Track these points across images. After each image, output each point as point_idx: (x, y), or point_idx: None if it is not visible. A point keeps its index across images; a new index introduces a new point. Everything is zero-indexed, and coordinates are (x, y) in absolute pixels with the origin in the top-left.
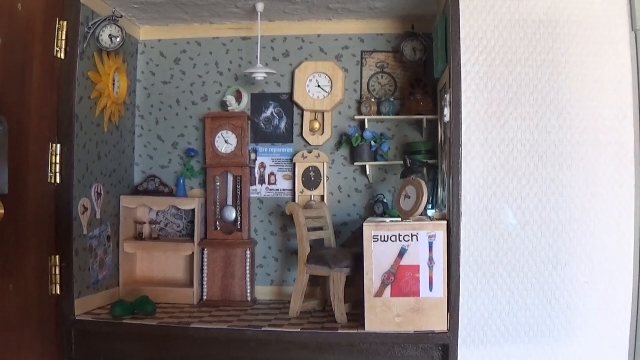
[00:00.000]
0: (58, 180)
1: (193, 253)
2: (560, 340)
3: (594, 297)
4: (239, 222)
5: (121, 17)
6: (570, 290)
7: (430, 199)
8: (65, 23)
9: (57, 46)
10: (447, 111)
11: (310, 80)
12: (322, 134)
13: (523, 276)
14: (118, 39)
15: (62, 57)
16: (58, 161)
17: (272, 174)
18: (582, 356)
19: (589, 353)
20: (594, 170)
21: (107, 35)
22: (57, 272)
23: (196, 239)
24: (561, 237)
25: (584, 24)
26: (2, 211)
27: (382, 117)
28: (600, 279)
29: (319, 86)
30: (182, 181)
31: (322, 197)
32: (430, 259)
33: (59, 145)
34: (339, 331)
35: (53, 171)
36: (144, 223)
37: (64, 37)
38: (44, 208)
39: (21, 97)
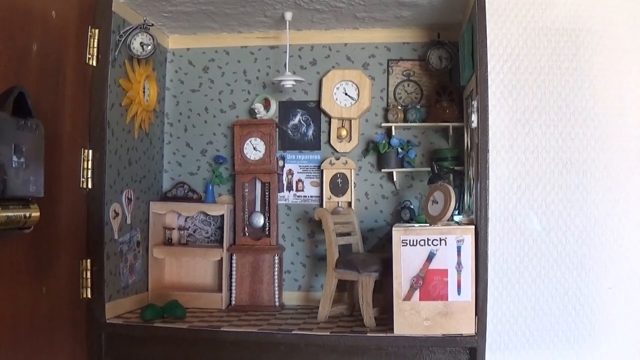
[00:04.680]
0: (90, 186)
1: (221, 258)
2: (585, 345)
3: (618, 303)
4: (267, 228)
5: (152, 25)
6: (594, 295)
7: (457, 204)
8: (97, 31)
9: (89, 53)
10: (474, 117)
11: (338, 88)
12: (349, 141)
13: (547, 282)
14: (149, 47)
15: (94, 64)
16: (90, 166)
17: (299, 180)
18: None
19: (613, 358)
20: (618, 176)
21: (139, 43)
22: (89, 275)
23: (225, 244)
24: (585, 243)
25: (607, 33)
26: (38, 214)
27: (409, 124)
28: (624, 285)
29: (346, 94)
30: (210, 187)
31: (349, 204)
32: (459, 263)
33: (90, 151)
34: (368, 334)
35: (85, 176)
36: (173, 229)
37: (95, 45)
38: (76, 212)
39: (55, 103)
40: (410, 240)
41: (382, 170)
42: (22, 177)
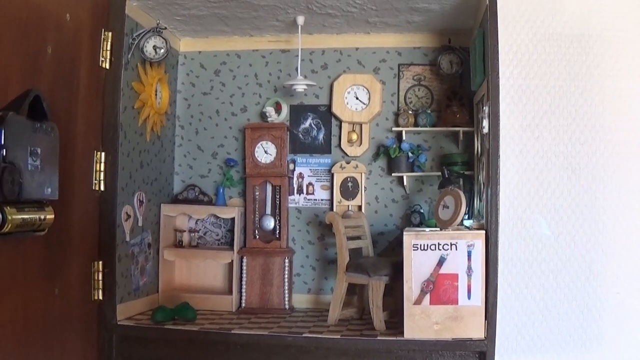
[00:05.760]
0: (102, 188)
1: (232, 261)
2: (593, 349)
3: (626, 307)
4: (278, 231)
5: (165, 28)
6: (602, 300)
7: (467, 209)
8: (110, 34)
9: (102, 56)
10: (485, 123)
11: (349, 92)
12: (359, 145)
13: (556, 286)
14: (162, 50)
15: (107, 67)
16: (102, 169)
17: (310, 184)
18: None
19: None
20: (627, 181)
21: (152, 46)
22: (100, 277)
23: (235, 247)
24: (594, 247)
25: (616, 38)
26: (52, 216)
27: (419, 128)
28: (632, 289)
29: (357, 98)
30: (221, 190)
31: (360, 207)
32: (469, 268)
33: (103, 153)
34: (378, 338)
35: (97, 179)
36: (184, 231)
37: (108, 48)
38: (88, 215)
39: (68, 106)
40: (421, 245)
41: (393, 174)
42: (38, 179)
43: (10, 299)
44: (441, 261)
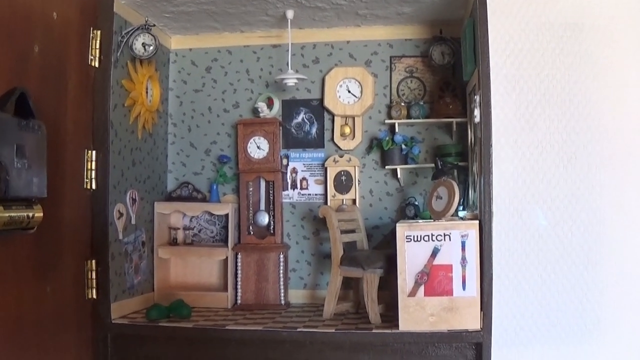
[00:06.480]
0: (93, 186)
1: (227, 257)
2: (592, 340)
3: (625, 296)
4: (272, 227)
5: (154, 25)
6: (601, 289)
7: (461, 200)
8: (99, 32)
9: (92, 54)
10: (477, 112)
11: (341, 86)
12: (352, 139)
13: (554, 276)
14: (151, 47)
15: (96, 65)
16: (93, 167)
17: (303, 178)
18: (614, 356)
19: (620, 353)
20: (623, 169)
21: (140, 44)
22: (93, 276)
23: (230, 243)
24: (591, 237)
25: (610, 27)
26: (41, 214)
27: (412, 120)
28: (630, 278)
29: (349, 91)
30: (215, 187)
31: (354, 201)
32: (463, 258)
33: (94, 152)
34: (373, 331)
35: (89, 177)
36: (178, 229)
37: (97, 46)
38: (80, 213)
39: (57, 104)
40: (414, 236)
41: (386, 167)
42: (25, 177)
43: (1, 298)
44: (435, 252)
